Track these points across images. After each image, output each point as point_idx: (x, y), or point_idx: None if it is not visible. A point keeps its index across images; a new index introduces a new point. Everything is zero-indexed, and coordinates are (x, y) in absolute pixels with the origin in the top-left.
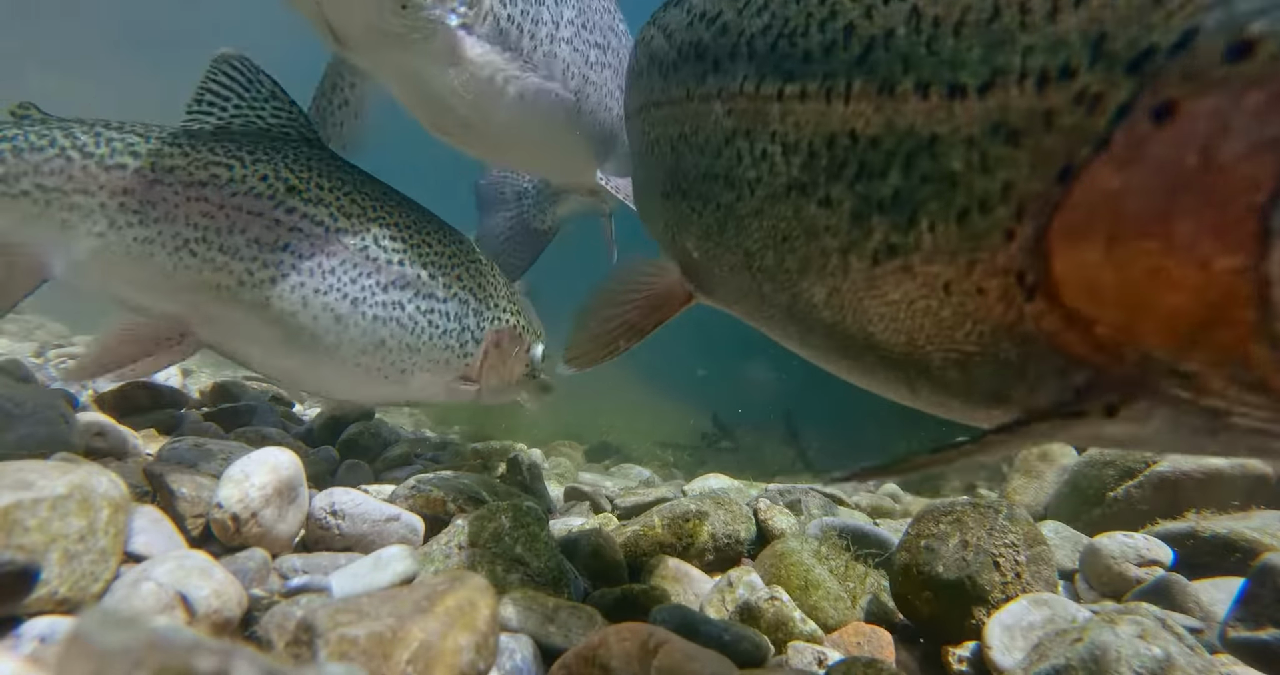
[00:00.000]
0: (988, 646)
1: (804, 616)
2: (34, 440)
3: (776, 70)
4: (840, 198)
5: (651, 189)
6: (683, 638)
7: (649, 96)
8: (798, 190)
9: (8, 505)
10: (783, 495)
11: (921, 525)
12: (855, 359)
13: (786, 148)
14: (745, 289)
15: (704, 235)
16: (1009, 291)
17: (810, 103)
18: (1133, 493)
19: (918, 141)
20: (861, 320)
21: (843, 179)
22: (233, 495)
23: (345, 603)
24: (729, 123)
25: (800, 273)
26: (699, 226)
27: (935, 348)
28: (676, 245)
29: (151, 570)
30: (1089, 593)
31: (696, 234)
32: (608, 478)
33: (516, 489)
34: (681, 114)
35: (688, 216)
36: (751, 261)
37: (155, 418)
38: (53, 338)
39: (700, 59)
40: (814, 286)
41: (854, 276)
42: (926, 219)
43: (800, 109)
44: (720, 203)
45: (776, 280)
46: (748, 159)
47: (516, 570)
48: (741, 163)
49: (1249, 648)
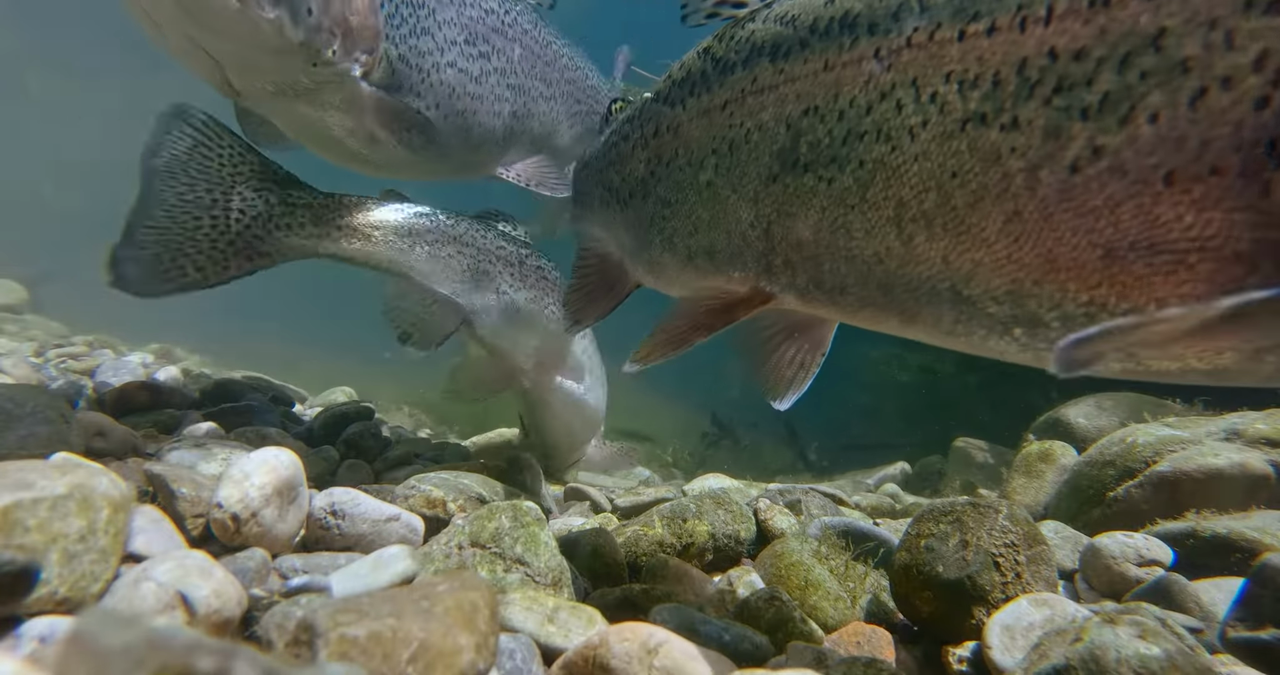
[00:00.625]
0: (988, 646)
1: (804, 616)
2: (34, 440)
3: (958, 14)
4: (1031, 117)
5: (739, 184)
6: (683, 638)
7: (740, 88)
8: (975, 121)
9: (8, 505)
10: (783, 495)
11: (921, 525)
12: (1029, 294)
13: (964, 84)
14: (883, 253)
15: (838, 201)
16: (1255, 164)
17: (1000, 35)
18: (1133, 493)
19: (1139, 39)
20: (1048, 240)
21: (1035, 97)
22: (233, 495)
23: (345, 603)
24: (889, 78)
25: (971, 206)
26: (828, 196)
27: (1140, 252)
28: (776, 235)
29: (151, 570)
30: (1089, 593)
31: (824, 205)
32: (608, 478)
33: (516, 489)
34: (810, 88)
35: (810, 190)
36: (904, 211)
37: (155, 418)
38: (53, 338)
39: (848, 28)
40: (988, 217)
41: (1043, 193)
42: (1145, 112)
43: (986, 44)
44: (867, 159)
45: (937, 225)
46: (910, 107)
47: (516, 570)
48: (901, 112)
49: (1249, 648)
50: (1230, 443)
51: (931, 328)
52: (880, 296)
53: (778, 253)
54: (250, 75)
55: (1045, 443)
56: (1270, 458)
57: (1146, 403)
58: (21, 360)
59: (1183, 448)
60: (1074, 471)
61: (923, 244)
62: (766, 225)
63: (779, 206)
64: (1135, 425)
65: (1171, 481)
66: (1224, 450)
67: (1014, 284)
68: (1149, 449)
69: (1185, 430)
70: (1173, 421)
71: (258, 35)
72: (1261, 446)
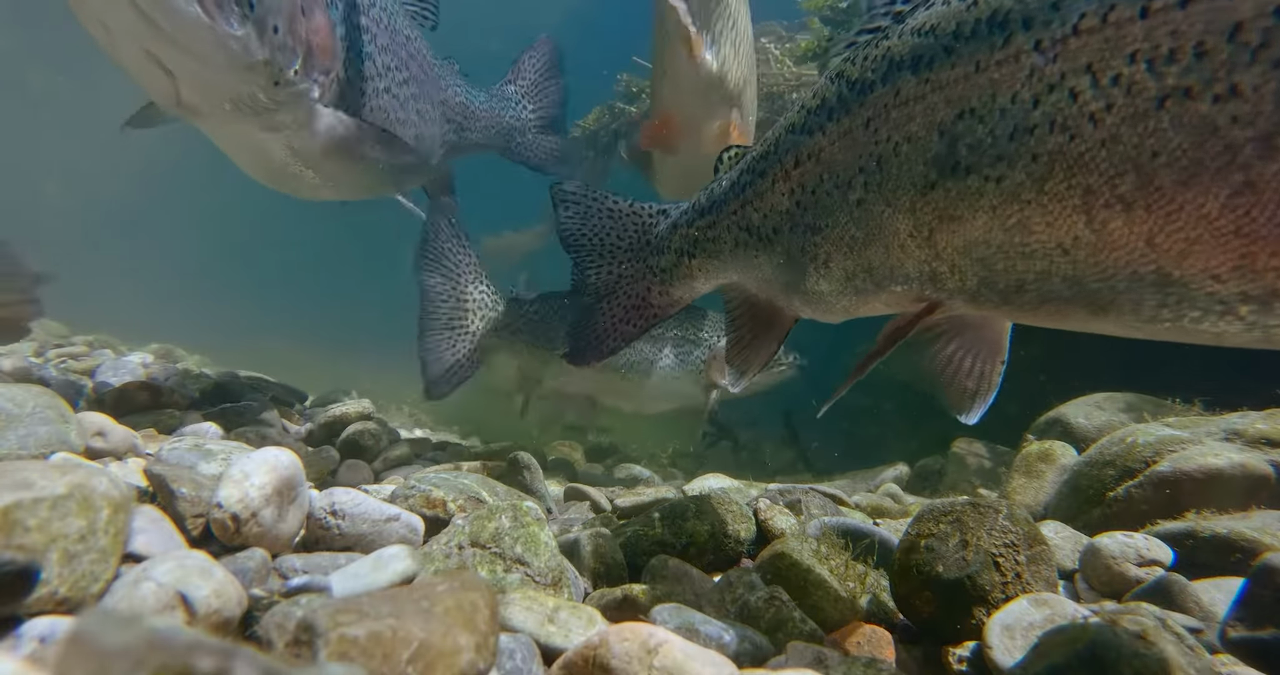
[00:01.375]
0: (988, 646)
1: (804, 616)
2: (34, 440)
3: None
4: (1256, 82)
5: (893, 197)
6: (683, 638)
7: (882, 104)
8: (1177, 97)
9: (8, 505)
10: (783, 495)
11: (921, 525)
12: (1267, 267)
13: (1154, 61)
14: (1069, 244)
15: (1010, 198)
16: None
17: (1193, 5)
18: (1133, 493)
19: None
20: None
21: (1260, 61)
22: (233, 495)
23: (345, 602)
24: (1056, 68)
25: (1184, 183)
26: (998, 194)
27: None
28: (940, 242)
29: (151, 570)
30: (1089, 593)
31: (993, 204)
32: (608, 478)
33: (517, 489)
34: (962, 91)
35: (976, 192)
36: (1094, 199)
37: (155, 418)
38: (53, 338)
39: (999, 27)
40: (1208, 192)
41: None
42: None
43: (1180, 16)
44: (1041, 152)
45: (1139, 208)
46: (1089, 94)
47: (516, 570)
48: (1078, 100)
49: (1249, 648)
50: (1230, 443)
51: (1128, 317)
52: (1065, 289)
53: (943, 259)
54: (207, 92)
55: (1045, 443)
56: (1270, 458)
57: (1146, 403)
58: (21, 360)
59: (1183, 448)
60: (1074, 471)
61: (1120, 229)
62: (928, 233)
63: (941, 212)
64: (1135, 425)
65: (1171, 481)
66: (1224, 450)
67: (1244, 258)
68: (1149, 449)
69: (1185, 430)
70: (1173, 421)
71: (223, 51)
72: (1261, 446)
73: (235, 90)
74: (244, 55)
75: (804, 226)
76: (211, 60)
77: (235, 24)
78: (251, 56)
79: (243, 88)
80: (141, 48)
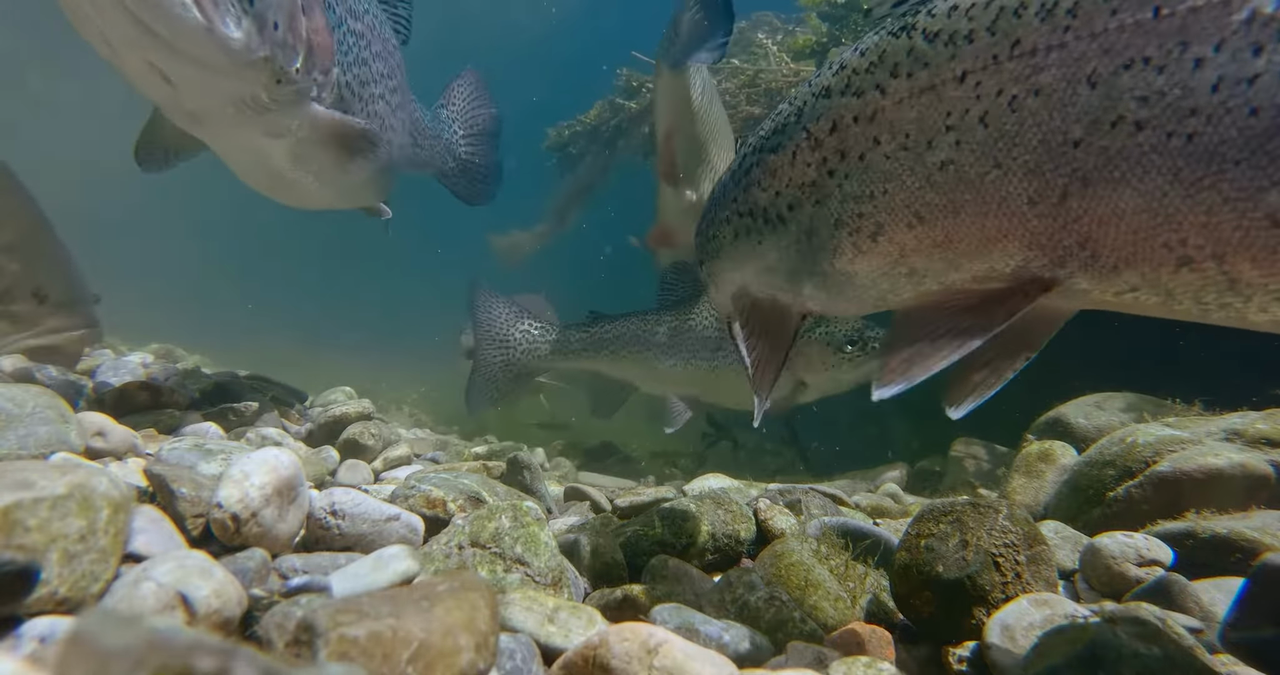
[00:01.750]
0: (988, 646)
1: (804, 616)
2: (34, 440)
3: None
4: None
5: (1005, 157)
6: (683, 638)
7: (989, 56)
8: None
9: (8, 505)
10: (783, 495)
11: (921, 525)
12: None
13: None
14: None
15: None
16: None
17: None
18: (1133, 493)
19: None
20: None
21: None
22: (233, 495)
23: (345, 603)
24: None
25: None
26: (1185, 154)
27: None
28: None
29: (151, 570)
30: (1089, 593)
31: (1176, 166)
32: (608, 478)
33: (516, 489)
34: (1134, 39)
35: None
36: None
37: (155, 418)
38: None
39: None
40: None
41: None
42: None
43: None
44: (1266, 104)
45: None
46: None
47: (516, 570)
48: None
49: (1249, 648)
50: (1230, 443)
51: None
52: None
53: (1071, 230)
54: (209, 96)
55: (1045, 443)
56: (1270, 458)
57: (1146, 403)
58: (22, 360)
59: (1183, 448)
60: (1074, 471)
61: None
62: (1059, 197)
63: (1084, 175)
64: (1135, 425)
65: (1171, 481)
66: (1224, 450)
67: None
68: (1149, 449)
69: (1185, 430)
70: (1173, 421)
71: (224, 52)
72: (1261, 446)
73: (238, 91)
74: (244, 53)
75: (841, 195)
76: (213, 62)
77: (233, 27)
78: (252, 54)
79: (245, 88)
80: (143, 58)
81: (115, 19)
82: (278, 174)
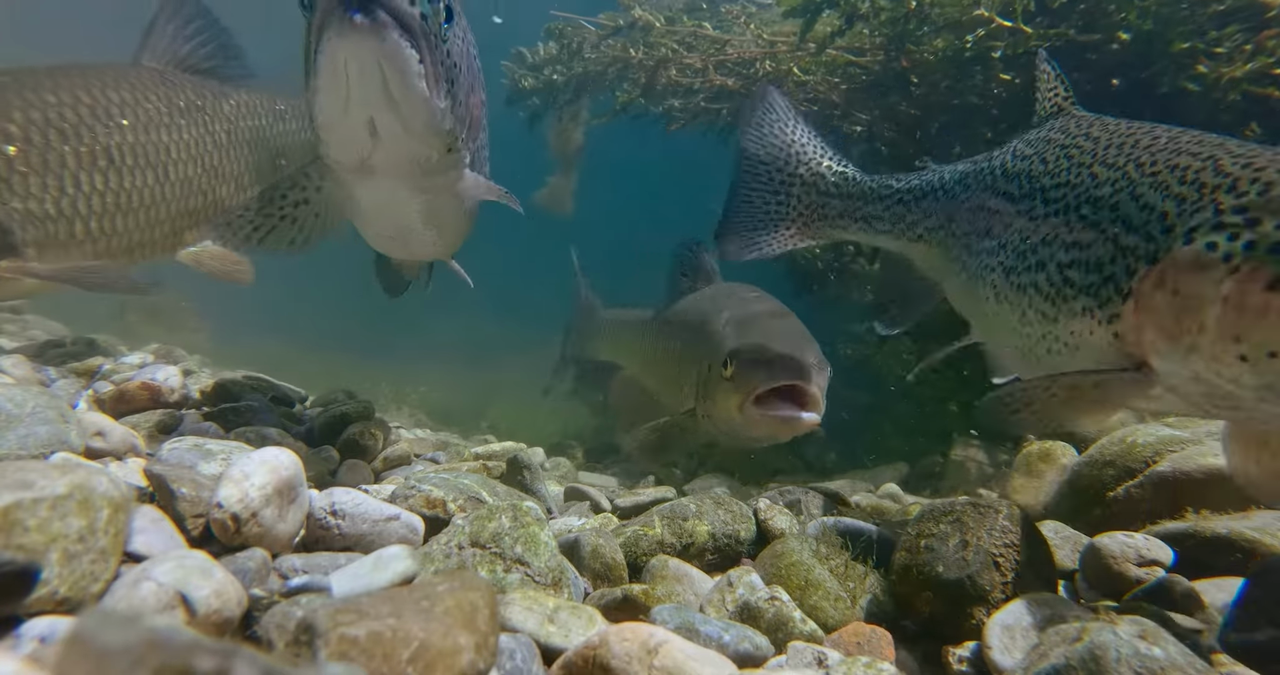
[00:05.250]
0: (988, 646)
1: (804, 616)
2: (34, 440)
3: None
4: None
5: None
6: (683, 638)
7: None
8: None
9: (8, 505)
10: (783, 495)
11: (921, 525)
12: None
13: None
14: None
15: None
16: None
17: None
18: (1133, 493)
19: None
20: None
21: None
22: (233, 495)
23: (345, 603)
24: None
25: None
26: None
27: None
28: None
29: (151, 570)
30: (1089, 593)
31: None
32: (608, 478)
33: (516, 489)
34: None
35: None
36: None
37: (155, 418)
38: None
39: None
40: None
41: None
42: None
43: None
44: None
45: None
46: None
47: (516, 570)
48: None
49: (1248, 648)
50: None
51: None
52: None
53: None
54: (397, 152)
55: (1045, 442)
56: None
57: None
58: (22, 360)
59: (1183, 448)
60: (1074, 471)
61: None
62: None
63: None
64: (1135, 425)
65: (1171, 481)
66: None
67: None
68: (1149, 449)
69: (1185, 430)
70: (1173, 421)
71: (428, 122)
72: None
73: (421, 152)
74: (441, 123)
75: None
76: (417, 126)
77: (441, 98)
78: (443, 126)
79: (426, 150)
80: (369, 114)
81: (369, 81)
82: (407, 226)
